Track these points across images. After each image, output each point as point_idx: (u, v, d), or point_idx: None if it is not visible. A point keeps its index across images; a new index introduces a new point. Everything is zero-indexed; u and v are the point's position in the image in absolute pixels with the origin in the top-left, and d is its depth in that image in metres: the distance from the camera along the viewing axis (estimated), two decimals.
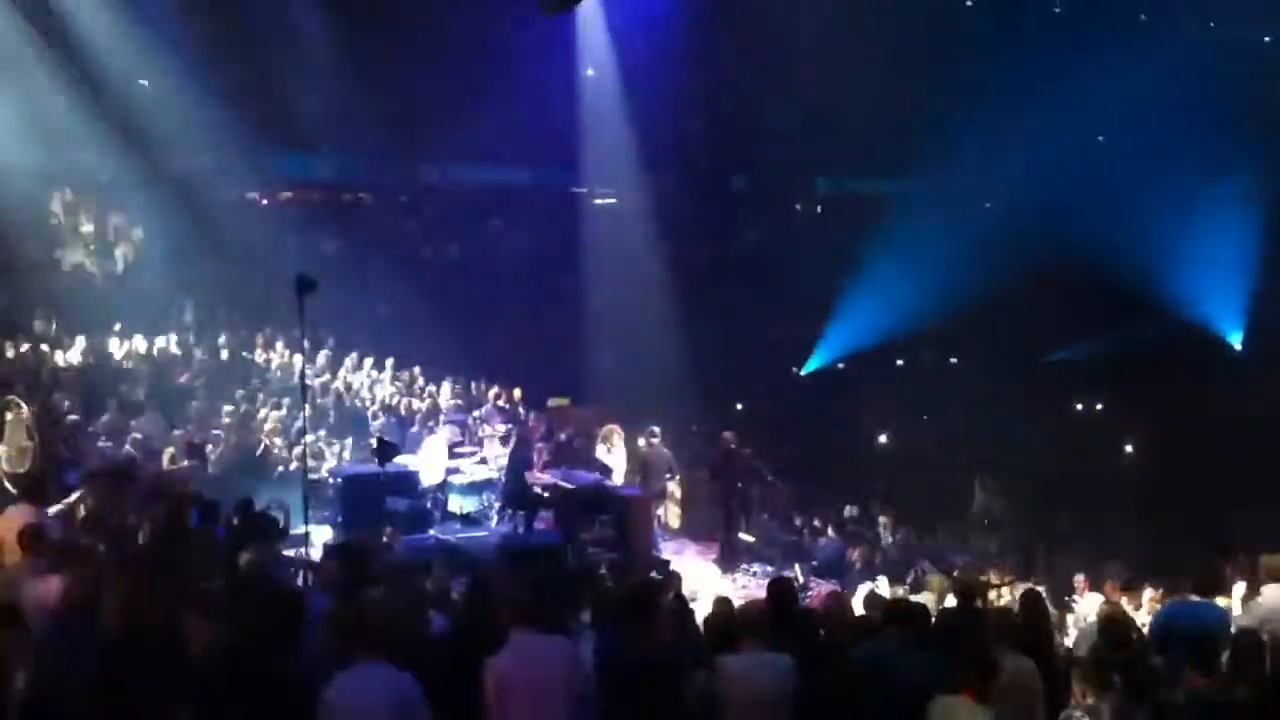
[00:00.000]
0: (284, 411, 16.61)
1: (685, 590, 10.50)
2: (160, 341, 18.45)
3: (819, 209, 28.50)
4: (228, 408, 16.26)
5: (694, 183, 26.17)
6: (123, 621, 6.14)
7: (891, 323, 23.02)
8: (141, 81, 20.08)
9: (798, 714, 6.27)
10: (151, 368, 17.59)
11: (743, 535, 16.29)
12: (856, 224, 24.39)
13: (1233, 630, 7.90)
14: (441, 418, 17.53)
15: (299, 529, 11.77)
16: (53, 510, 9.65)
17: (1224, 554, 12.55)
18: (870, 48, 20.05)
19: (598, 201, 26.25)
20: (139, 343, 18.15)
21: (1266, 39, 21.10)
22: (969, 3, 23.15)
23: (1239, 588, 10.15)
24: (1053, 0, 22.98)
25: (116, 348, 18.01)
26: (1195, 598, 8.36)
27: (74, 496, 10.36)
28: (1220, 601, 8.98)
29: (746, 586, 14.30)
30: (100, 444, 13.92)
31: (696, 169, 26.01)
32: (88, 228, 20.77)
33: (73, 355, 17.34)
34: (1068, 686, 7.20)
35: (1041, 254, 21.86)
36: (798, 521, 16.97)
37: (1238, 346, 22.15)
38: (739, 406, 22.67)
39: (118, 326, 18.42)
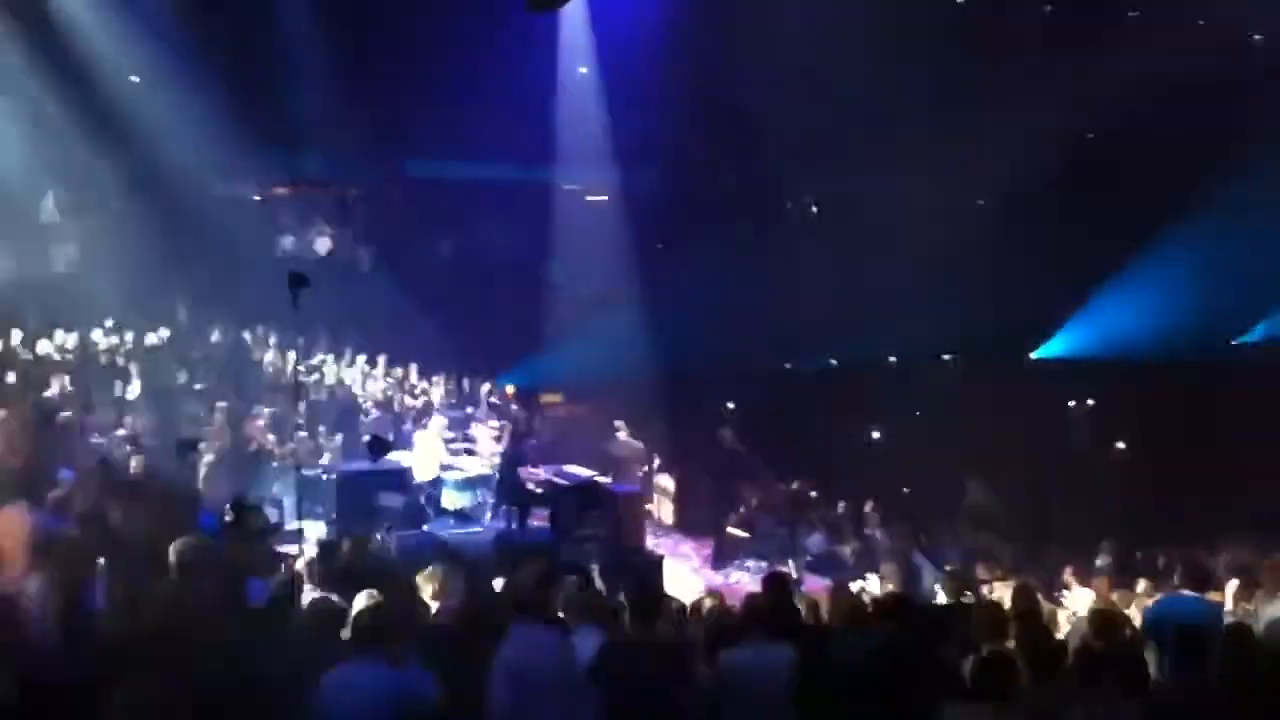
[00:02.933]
0: (277, 408, 16.63)
1: (677, 585, 10.55)
2: (152, 338, 18.44)
3: (812, 207, 28.47)
4: (220, 404, 16.25)
5: (685, 179, 26.15)
6: (120, 617, 6.13)
7: (884, 321, 23.04)
8: (132, 78, 20.04)
9: (796, 706, 6.29)
10: (144, 364, 17.57)
11: (736, 531, 16.32)
12: (849, 222, 24.40)
13: (1224, 625, 7.93)
14: (434, 412, 17.56)
15: (292, 525, 11.79)
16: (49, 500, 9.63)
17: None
18: (862, 44, 20.01)
19: (589, 198, 26.24)
20: (131, 339, 18.14)
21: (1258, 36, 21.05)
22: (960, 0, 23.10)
23: (1231, 584, 10.16)
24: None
25: (109, 344, 17.99)
26: (1188, 593, 8.39)
27: (63, 491, 10.27)
28: (1212, 597, 9.01)
29: (739, 581, 14.34)
30: (92, 441, 13.91)
31: (687, 166, 25.98)
32: (80, 224, 20.73)
33: (65, 352, 17.32)
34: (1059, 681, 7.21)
35: (1033, 251, 21.89)
36: (791, 517, 16.98)
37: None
38: (730, 405, 22.67)
39: (110, 323, 18.40)
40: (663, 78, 21.76)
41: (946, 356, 24.81)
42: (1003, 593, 11.41)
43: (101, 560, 7.80)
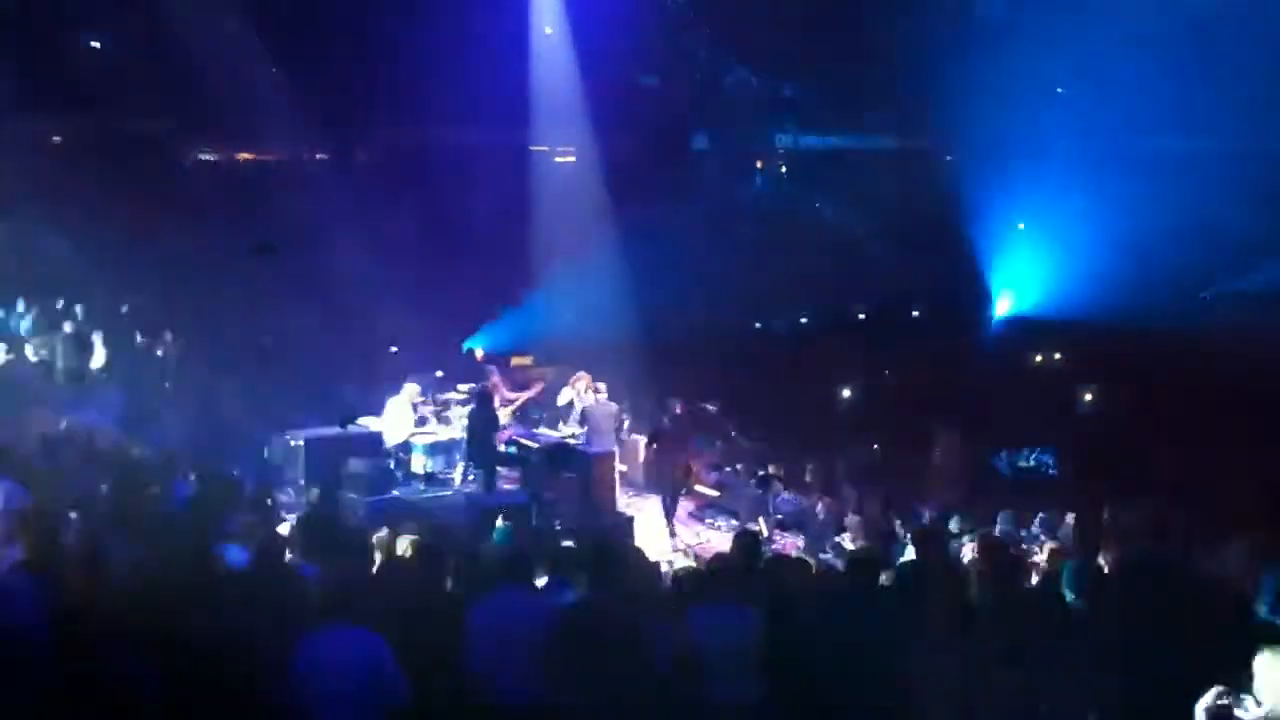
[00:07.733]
0: (247, 375, 16.55)
1: (648, 545, 10.58)
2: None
3: (781, 166, 28.43)
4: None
5: (653, 140, 26.05)
6: (82, 589, 6.11)
7: (852, 278, 23.10)
8: (93, 44, 19.79)
9: (766, 664, 6.34)
10: (109, 334, 17.42)
11: (706, 490, 16.36)
12: (818, 180, 24.41)
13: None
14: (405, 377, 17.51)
15: (262, 493, 11.73)
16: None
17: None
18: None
19: (557, 160, 26.13)
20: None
21: None
22: None
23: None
24: None
25: (74, 313, 17.83)
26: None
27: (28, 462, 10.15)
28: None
29: (710, 540, 14.39)
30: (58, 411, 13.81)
31: (656, 126, 25.88)
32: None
33: (28, 323, 17.18)
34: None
35: (1002, 205, 21.95)
36: (762, 475, 17.02)
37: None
38: (699, 363, 22.67)
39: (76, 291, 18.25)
40: (634, 38, 21.68)
41: (915, 313, 24.89)
42: (972, 547, 11.49)
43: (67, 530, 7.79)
